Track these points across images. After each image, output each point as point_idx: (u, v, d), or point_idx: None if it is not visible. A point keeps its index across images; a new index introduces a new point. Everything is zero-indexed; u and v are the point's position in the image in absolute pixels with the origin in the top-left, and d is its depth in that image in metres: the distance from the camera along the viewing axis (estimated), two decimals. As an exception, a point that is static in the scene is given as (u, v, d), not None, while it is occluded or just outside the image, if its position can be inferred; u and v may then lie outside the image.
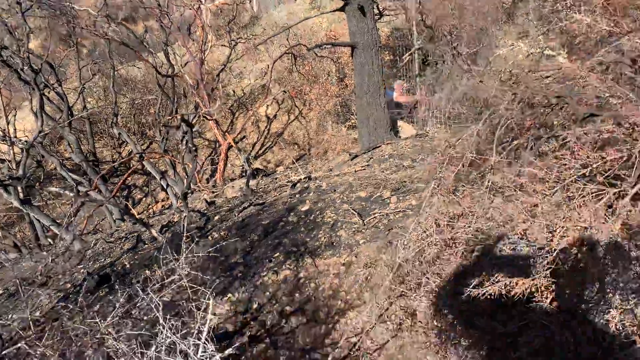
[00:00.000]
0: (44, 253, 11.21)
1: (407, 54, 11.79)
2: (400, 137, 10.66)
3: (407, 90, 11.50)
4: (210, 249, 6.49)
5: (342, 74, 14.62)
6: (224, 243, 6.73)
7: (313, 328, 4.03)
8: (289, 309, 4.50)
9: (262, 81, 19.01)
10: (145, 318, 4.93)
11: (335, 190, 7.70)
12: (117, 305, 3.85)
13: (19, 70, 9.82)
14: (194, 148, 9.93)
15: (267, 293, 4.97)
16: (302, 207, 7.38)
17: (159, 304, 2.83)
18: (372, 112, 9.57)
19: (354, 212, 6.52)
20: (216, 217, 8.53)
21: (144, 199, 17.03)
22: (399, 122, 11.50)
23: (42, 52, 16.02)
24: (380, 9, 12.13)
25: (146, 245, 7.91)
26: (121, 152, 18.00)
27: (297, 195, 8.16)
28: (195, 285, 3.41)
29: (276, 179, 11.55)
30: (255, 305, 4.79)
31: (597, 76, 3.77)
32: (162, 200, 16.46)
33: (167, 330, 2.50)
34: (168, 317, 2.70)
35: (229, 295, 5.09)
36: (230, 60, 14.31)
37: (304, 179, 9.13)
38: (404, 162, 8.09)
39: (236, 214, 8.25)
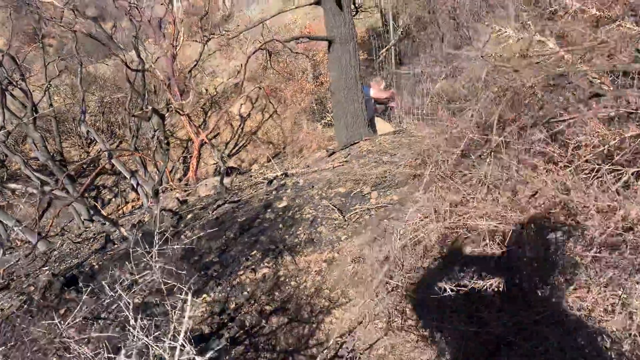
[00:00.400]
0: (6, 255, 10.69)
1: (384, 49, 11.64)
2: (377, 133, 10.50)
3: (386, 86, 11.35)
4: (183, 244, 6.21)
5: (318, 71, 14.42)
6: (200, 234, 6.46)
7: (296, 328, 3.79)
8: (269, 308, 4.25)
9: (236, 80, 18.70)
10: (114, 319, 4.62)
11: (313, 187, 7.48)
12: (81, 304, 3.55)
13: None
14: (165, 141, 9.58)
15: (245, 292, 4.71)
16: (280, 204, 7.14)
17: (128, 302, 2.56)
18: (349, 107, 9.38)
19: (334, 208, 6.31)
20: (189, 216, 8.23)
21: (114, 199, 16.51)
22: (376, 119, 11.34)
23: (5, 47, 15.36)
24: (357, 5, 11.98)
25: (115, 245, 7.56)
26: (89, 152, 17.44)
27: (273, 192, 7.91)
28: (169, 282, 3.14)
29: (251, 176, 11.26)
30: (232, 306, 4.53)
31: (587, 64, 3.65)
32: (133, 201, 15.98)
33: (138, 331, 2.24)
34: (139, 317, 2.44)
35: (204, 295, 4.82)
36: (203, 59, 13.96)
37: (280, 175, 8.88)
38: (383, 158, 7.92)
39: (210, 212, 7.96)
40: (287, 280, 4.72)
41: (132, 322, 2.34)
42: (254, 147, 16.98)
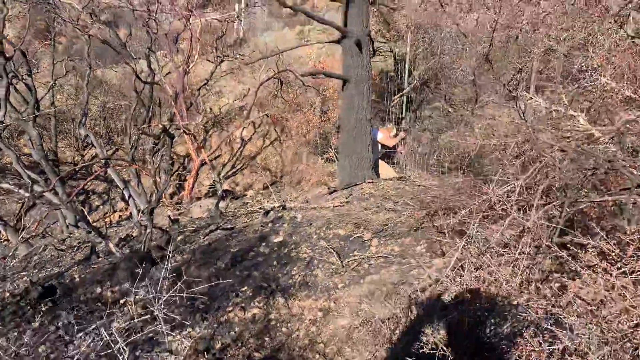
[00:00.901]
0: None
1: (397, 96, 11.63)
2: (379, 177, 10.39)
3: (394, 135, 11.29)
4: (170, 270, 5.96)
5: (326, 107, 14.38)
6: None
7: (288, 383, 3.55)
8: (258, 355, 4.01)
9: (241, 102, 18.68)
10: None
11: (311, 224, 7.29)
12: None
13: (-12, 54, 9.13)
14: (170, 161, 9.37)
15: (233, 332, 4.46)
16: (275, 238, 6.93)
17: (123, 349, 2.33)
18: (356, 147, 9.28)
19: (332, 251, 6.11)
20: (179, 237, 7.99)
21: (101, 206, 16.15)
22: (379, 162, 11.25)
23: (17, 42, 15.24)
24: (374, 48, 12.03)
25: (100, 259, 7.27)
26: (84, 155, 17.14)
27: (269, 224, 7.71)
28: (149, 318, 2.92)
29: (247, 203, 11.05)
30: (218, 345, 4.28)
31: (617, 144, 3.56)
32: (120, 211, 15.63)
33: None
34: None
35: (189, 329, 4.56)
36: (215, 77, 13.90)
37: (277, 207, 8.68)
38: (386, 204, 7.77)
39: (202, 237, 7.73)
40: (278, 325, 4.48)
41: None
42: (250, 172, 16.77)
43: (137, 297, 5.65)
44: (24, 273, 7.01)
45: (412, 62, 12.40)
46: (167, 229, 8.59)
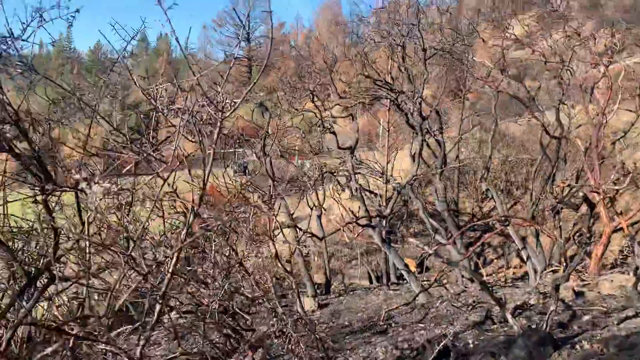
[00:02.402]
0: (390, 291, 11.43)
1: None
2: None
3: None
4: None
5: None
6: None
7: None
8: None
9: (667, 155, 15.71)
10: None
11: None
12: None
13: (409, 114, 10.22)
14: (588, 235, 8.34)
15: None
16: None
17: None
18: None
19: None
20: (585, 317, 6.86)
21: (495, 260, 15.99)
22: None
23: (431, 100, 16.91)
24: None
25: (495, 326, 6.85)
26: (482, 207, 17.45)
27: None
28: None
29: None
30: None
31: None
32: (514, 267, 15.10)
33: None
34: None
35: None
36: (633, 128, 11.98)
37: None
38: None
39: (615, 322, 6.39)
40: None
41: None
42: (676, 240, 13.65)
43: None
44: (421, 325, 7.21)
45: None
46: (570, 303, 7.55)
